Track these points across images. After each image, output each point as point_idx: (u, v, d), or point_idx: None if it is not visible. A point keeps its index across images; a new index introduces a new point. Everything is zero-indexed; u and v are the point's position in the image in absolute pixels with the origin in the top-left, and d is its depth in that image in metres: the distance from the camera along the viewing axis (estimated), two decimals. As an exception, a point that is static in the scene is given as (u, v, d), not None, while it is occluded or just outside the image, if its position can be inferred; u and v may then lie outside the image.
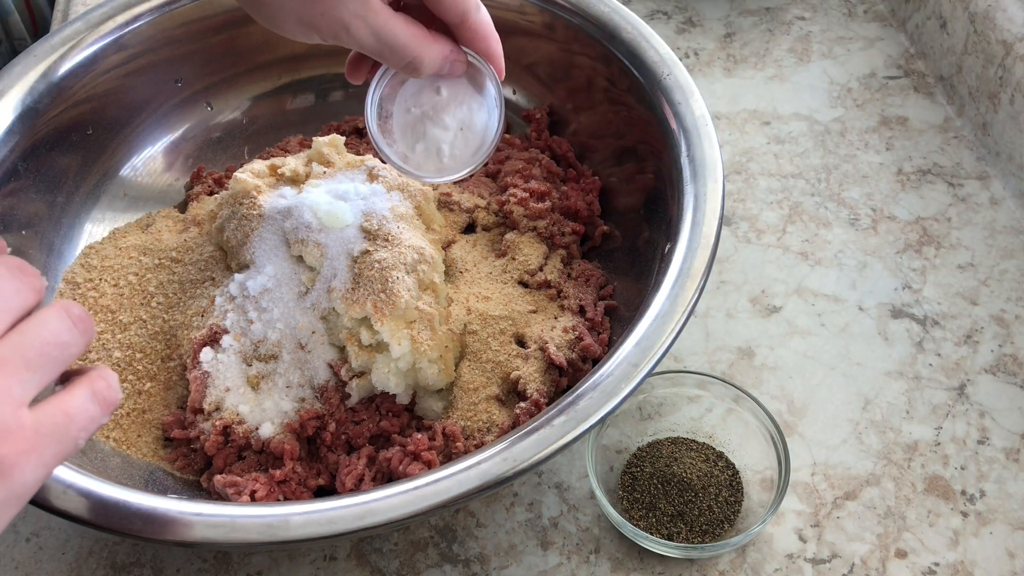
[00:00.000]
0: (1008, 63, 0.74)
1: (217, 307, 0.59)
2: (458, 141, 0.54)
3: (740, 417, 0.61)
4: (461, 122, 0.53)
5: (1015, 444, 0.62)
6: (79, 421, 0.36)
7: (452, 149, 0.54)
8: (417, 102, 0.53)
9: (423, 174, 0.55)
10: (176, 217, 0.69)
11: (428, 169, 0.55)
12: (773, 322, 0.69)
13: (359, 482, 0.55)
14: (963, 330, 0.68)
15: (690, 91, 0.63)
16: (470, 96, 0.54)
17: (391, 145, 0.53)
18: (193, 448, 0.58)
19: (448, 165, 0.54)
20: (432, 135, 0.53)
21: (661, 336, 0.51)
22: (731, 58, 0.88)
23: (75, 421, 0.36)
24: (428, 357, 0.56)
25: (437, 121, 0.53)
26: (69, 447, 0.36)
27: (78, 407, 0.36)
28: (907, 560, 0.57)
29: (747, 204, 0.76)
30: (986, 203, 0.76)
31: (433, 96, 0.53)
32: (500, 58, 0.53)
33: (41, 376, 0.35)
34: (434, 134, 0.53)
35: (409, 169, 0.55)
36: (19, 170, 0.64)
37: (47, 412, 0.35)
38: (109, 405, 0.38)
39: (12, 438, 0.33)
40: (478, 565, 0.58)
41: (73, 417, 0.36)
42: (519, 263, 0.64)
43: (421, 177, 0.55)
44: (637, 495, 0.59)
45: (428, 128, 0.53)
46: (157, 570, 0.58)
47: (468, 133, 0.53)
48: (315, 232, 0.58)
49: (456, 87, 0.53)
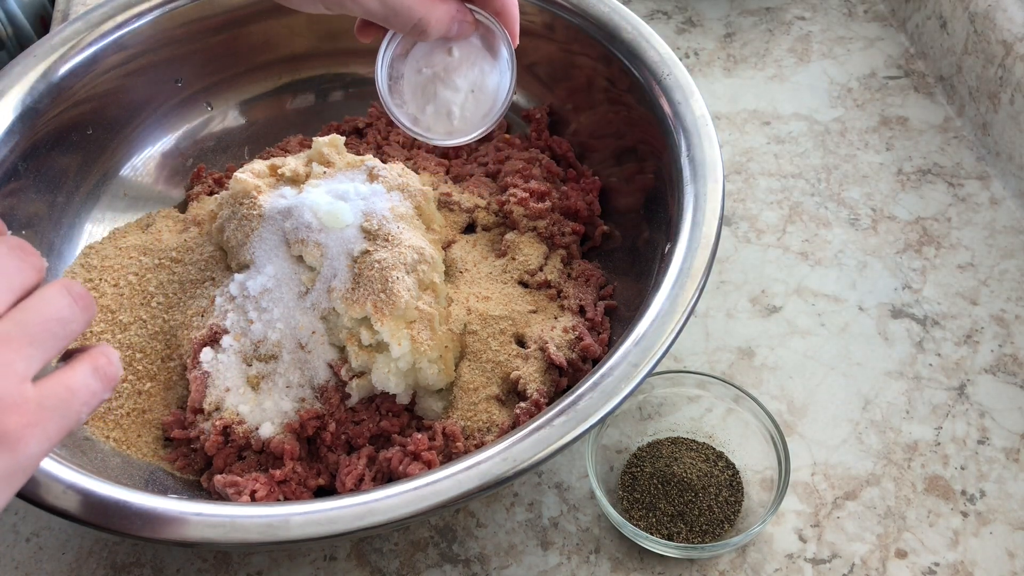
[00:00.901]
0: (1008, 63, 0.74)
1: (217, 307, 0.59)
2: (469, 103, 0.53)
3: (740, 417, 0.61)
4: (472, 83, 0.52)
5: (1015, 444, 0.62)
6: (81, 396, 0.37)
7: (463, 111, 0.53)
8: (429, 62, 0.52)
9: (433, 136, 0.54)
10: (176, 217, 0.69)
11: (438, 131, 0.53)
12: (773, 322, 0.69)
13: (359, 482, 0.55)
14: (963, 330, 0.68)
15: (690, 91, 0.63)
16: (482, 58, 0.52)
17: (401, 106, 0.53)
18: (193, 448, 0.58)
19: (459, 127, 0.53)
20: (443, 96, 0.52)
21: (661, 336, 0.51)
22: (731, 58, 0.88)
23: (77, 395, 0.37)
24: (428, 357, 0.56)
25: (448, 82, 0.52)
26: (71, 421, 0.37)
27: (80, 382, 0.37)
28: (907, 560, 0.57)
29: (747, 204, 0.76)
30: (986, 203, 0.76)
31: (444, 57, 0.52)
32: (515, 20, 0.52)
33: (44, 352, 0.36)
34: (445, 95, 0.52)
35: (419, 131, 0.54)
36: (19, 170, 0.64)
37: (50, 386, 0.36)
38: (110, 380, 0.39)
39: (17, 411, 0.34)
40: (478, 565, 0.58)
41: (75, 391, 0.37)
42: (519, 263, 0.64)
43: (431, 139, 0.54)
44: (637, 495, 0.59)
45: (439, 89, 0.52)
46: (157, 570, 0.58)
47: (480, 95, 0.52)
48: (315, 232, 0.58)
49: (468, 48, 0.52)
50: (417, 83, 0.53)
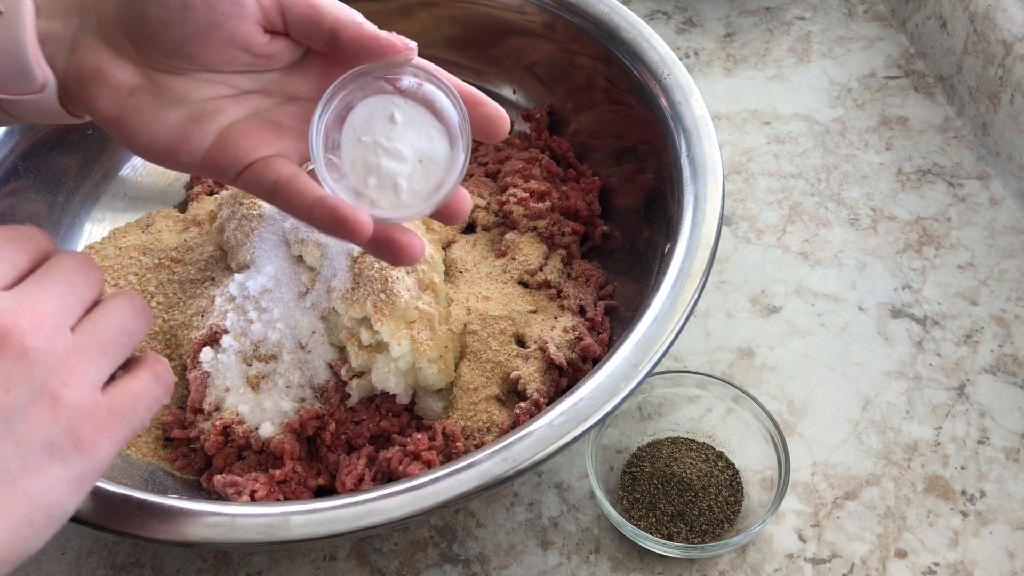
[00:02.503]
0: (1008, 63, 0.74)
1: (217, 307, 0.59)
2: (417, 174, 0.46)
3: (740, 417, 0.61)
4: (420, 153, 0.46)
5: (1015, 444, 0.62)
6: (145, 401, 0.39)
7: (411, 184, 0.46)
8: (368, 130, 0.46)
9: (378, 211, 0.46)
10: (176, 217, 0.69)
11: (383, 205, 0.47)
12: (773, 322, 0.69)
13: (359, 482, 0.55)
14: (963, 330, 0.68)
15: (690, 91, 0.63)
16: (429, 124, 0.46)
17: (339, 180, 0.46)
18: (193, 448, 0.58)
19: (407, 201, 0.46)
20: (386, 168, 0.46)
21: (661, 336, 0.51)
22: (731, 58, 0.88)
23: (142, 401, 0.39)
24: (428, 357, 0.56)
25: (392, 152, 0.46)
26: (137, 426, 0.39)
27: (143, 388, 0.39)
28: (907, 560, 0.57)
29: (747, 204, 0.76)
30: (986, 203, 0.76)
31: (386, 124, 0.46)
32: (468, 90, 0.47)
33: (112, 361, 0.39)
34: (388, 166, 0.46)
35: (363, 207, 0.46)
36: (19, 170, 0.64)
37: (118, 394, 0.38)
38: (169, 387, 0.41)
39: (92, 418, 0.37)
40: (478, 565, 0.58)
41: (140, 398, 0.39)
42: (519, 263, 0.64)
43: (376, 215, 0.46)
44: (637, 495, 0.59)
45: (382, 160, 0.46)
46: (157, 570, 0.58)
47: (428, 165, 0.46)
48: (315, 232, 0.58)
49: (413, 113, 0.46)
50: (356, 154, 0.46)
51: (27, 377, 0.35)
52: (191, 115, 0.44)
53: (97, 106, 0.43)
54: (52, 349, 0.36)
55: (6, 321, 0.35)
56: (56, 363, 0.36)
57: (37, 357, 0.35)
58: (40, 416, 0.35)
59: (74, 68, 0.43)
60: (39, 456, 0.35)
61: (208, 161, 0.44)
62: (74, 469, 0.36)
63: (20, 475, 0.35)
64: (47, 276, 0.38)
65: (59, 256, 0.39)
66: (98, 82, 0.43)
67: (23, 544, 0.35)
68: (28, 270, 0.38)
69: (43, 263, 0.39)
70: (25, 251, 0.39)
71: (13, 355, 0.35)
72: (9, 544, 0.35)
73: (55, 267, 0.39)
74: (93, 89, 0.43)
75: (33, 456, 0.35)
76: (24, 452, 0.35)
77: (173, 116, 0.44)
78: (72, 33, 0.43)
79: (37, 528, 0.36)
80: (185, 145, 0.44)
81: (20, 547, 0.35)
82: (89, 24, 0.43)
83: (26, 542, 0.36)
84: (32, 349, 0.35)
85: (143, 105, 0.43)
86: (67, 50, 0.43)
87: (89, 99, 0.43)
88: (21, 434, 0.35)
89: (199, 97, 0.44)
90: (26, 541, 0.35)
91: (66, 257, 0.39)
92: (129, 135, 0.44)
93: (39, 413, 0.35)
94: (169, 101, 0.44)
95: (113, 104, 0.43)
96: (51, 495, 0.36)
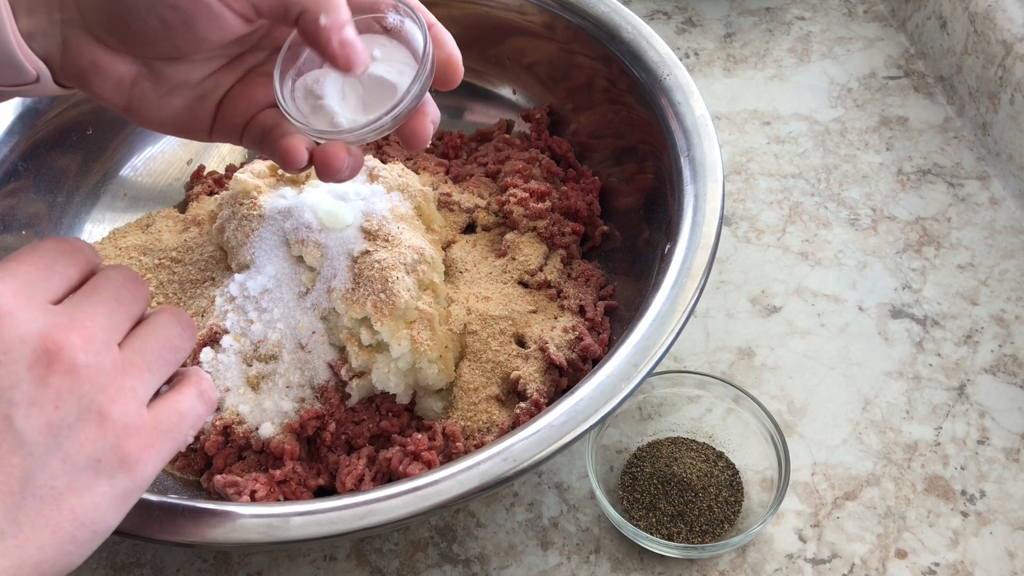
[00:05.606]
0: (1008, 63, 0.74)
1: (217, 307, 0.59)
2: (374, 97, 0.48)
3: (740, 417, 0.61)
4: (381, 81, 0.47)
5: (1015, 444, 0.62)
6: (189, 419, 0.39)
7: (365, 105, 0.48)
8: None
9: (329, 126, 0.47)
10: (176, 217, 0.69)
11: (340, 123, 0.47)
12: (773, 322, 0.69)
13: (359, 482, 0.55)
14: (963, 330, 0.68)
15: (690, 91, 0.63)
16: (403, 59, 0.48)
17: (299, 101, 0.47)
18: (193, 448, 0.58)
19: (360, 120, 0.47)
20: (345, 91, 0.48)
21: (661, 336, 0.51)
22: (731, 58, 0.88)
23: (186, 419, 0.39)
24: (428, 357, 0.56)
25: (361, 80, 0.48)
26: (180, 443, 0.39)
27: (188, 406, 0.39)
28: (907, 560, 0.57)
29: (747, 204, 0.76)
30: (986, 203, 0.76)
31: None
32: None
33: (158, 377, 0.39)
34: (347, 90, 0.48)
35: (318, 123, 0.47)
36: (19, 170, 0.64)
37: (163, 410, 0.38)
38: (213, 404, 0.41)
39: (137, 435, 0.37)
40: (478, 565, 0.58)
41: (184, 415, 0.39)
42: (519, 263, 0.64)
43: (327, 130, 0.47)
44: (637, 495, 0.59)
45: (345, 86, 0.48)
46: (157, 570, 0.58)
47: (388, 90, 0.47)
48: (315, 232, 0.58)
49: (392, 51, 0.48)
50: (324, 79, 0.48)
51: (77, 394, 0.35)
52: (193, 97, 0.47)
53: (103, 96, 0.45)
54: (101, 365, 0.36)
55: (59, 338, 0.35)
56: (105, 380, 0.36)
57: (88, 374, 0.35)
58: (87, 433, 0.35)
59: (70, 64, 0.44)
60: (85, 473, 0.35)
61: (216, 132, 0.48)
62: (119, 486, 0.36)
63: (66, 491, 0.35)
64: (96, 291, 0.38)
65: (107, 270, 0.39)
66: (98, 75, 0.44)
67: (65, 560, 0.35)
68: (77, 284, 0.38)
69: (90, 276, 0.39)
70: (76, 264, 0.38)
71: (64, 371, 0.35)
72: (53, 560, 0.35)
73: (103, 282, 0.38)
74: (96, 81, 0.44)
75: (79, 473, 0.35)
76: (71, 468, 0.35)
77: (177, 101, 0.46)
78: (58, 29, 0.43)
79: (80, 544, 0.36)
80: (193, 124, 0.47)
81: (63, 563, 0.35)
82: (73, 19, 0.43)
83: (69, 557, 0.35)
84: (83, 366, 0.35)
85: (147, 93, 0.46)
86: (58, 47, 0.43)
87: (93, 90, 0.45)
88: (68, 451, 0.35)
89: (198, 78, 0.47)
90: (69, 556, 0.35)
91: (114, 271, 0.39)
92: (140, 119, 0.47)
93: (86, 430, 0.35)
94: (170, 88, 0.46)
95: (118, 94, 0.45)
96: (96, 512, 0.36)
